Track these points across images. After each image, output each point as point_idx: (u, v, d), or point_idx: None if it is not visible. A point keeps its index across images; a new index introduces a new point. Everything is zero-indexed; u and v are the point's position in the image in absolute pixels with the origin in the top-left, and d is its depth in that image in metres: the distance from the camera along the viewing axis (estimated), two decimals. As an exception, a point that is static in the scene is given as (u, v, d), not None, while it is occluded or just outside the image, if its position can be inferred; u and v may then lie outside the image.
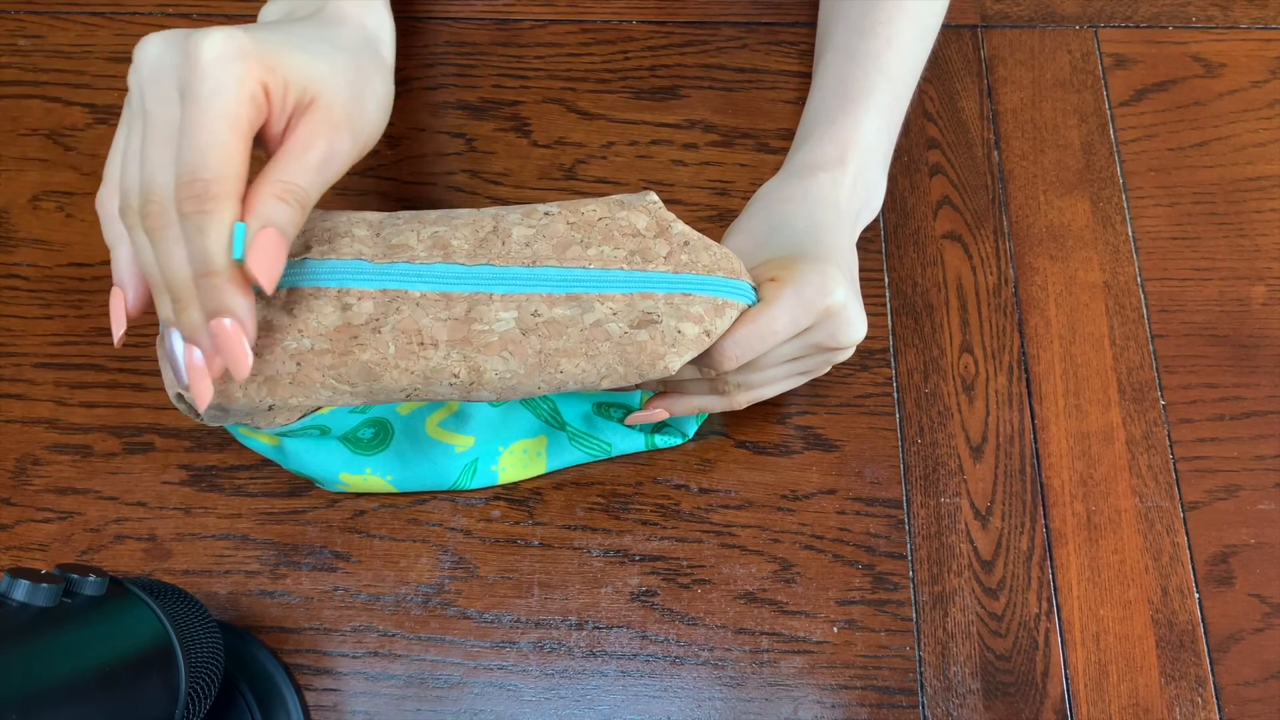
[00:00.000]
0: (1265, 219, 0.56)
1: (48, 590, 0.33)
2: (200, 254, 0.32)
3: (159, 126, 0.32)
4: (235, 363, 0.33)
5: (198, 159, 0.31)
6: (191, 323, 0.33)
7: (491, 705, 0.46)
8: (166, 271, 0.33)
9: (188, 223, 0.32)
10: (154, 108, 0.33)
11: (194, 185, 0.31)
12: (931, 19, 0.52)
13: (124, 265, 0.35)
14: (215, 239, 0.32)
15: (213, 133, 0.32)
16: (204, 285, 0.32)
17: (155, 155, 0.32)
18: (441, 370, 0.36)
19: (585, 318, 0.37)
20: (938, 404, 0.52)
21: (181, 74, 0.32)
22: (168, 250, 0.32)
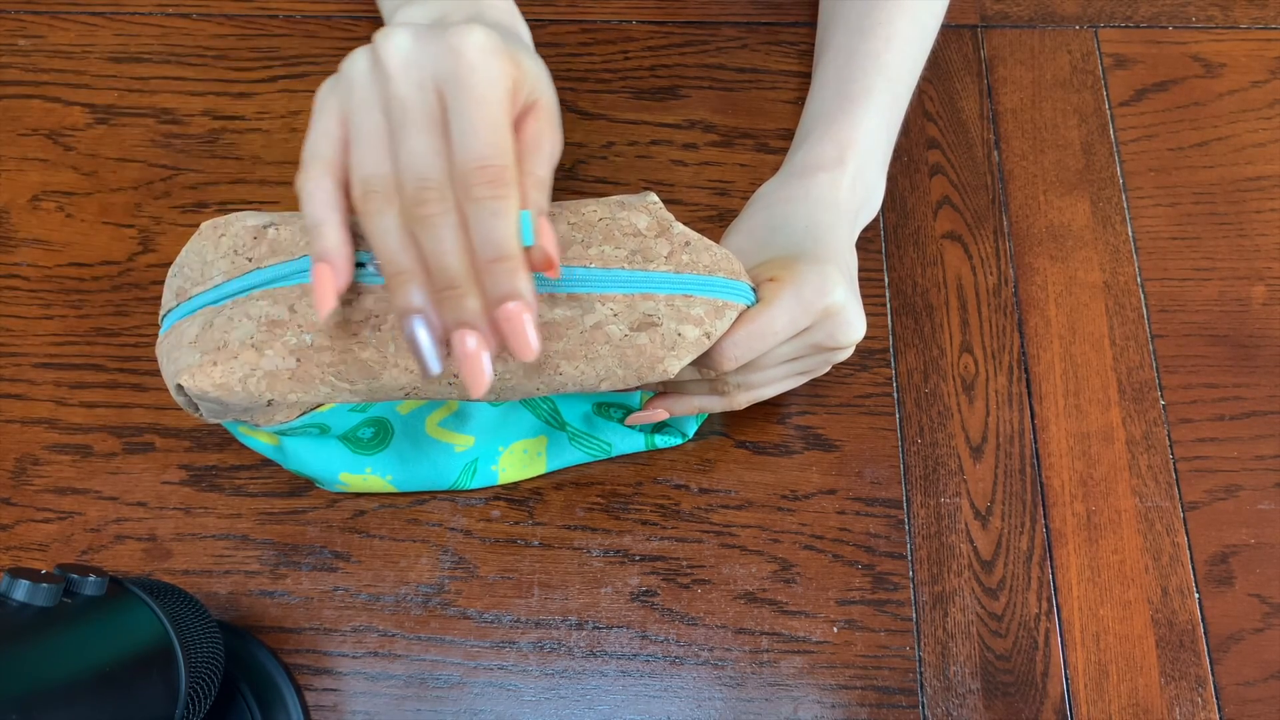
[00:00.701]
0: (1265, 219, 0.56)
1: (48, 590, 0.33)
2: (494, 239, 0.32)
3: (422, 115, 0.32)
4: (522, 345, 0.33)
5: (486, 146, 0.32)
6: (470, 309, 0.32)
7: (491, 705, 0.46)
8: (439, 259, 0.32)
9: (481, 208, 0.32)
10: (409, 96, 0.33)
11: (488, 171, 0.32)
12: (931, 19, 0.52)
13: (333, 245, 0.33)
14: (510, 224, 0.32)
15: (496, 121, 0.32)
16: (495, 270, 0.32)
17: (422, 144, 0.32)
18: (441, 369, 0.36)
19: (585, 319, 0.37)
20: (938, 404, 0.52)
21: (443, 66, 0.32)
22: (442, 237, 0.32)
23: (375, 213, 0.33)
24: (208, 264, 0.38)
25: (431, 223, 0.32)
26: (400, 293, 0.33)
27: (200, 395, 0.36)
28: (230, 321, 0.36)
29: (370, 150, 0.33)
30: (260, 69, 0.60)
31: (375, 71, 0.33)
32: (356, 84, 0.34)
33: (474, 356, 0.33)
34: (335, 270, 0.33)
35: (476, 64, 0.32)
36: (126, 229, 0.55)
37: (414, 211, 0.32)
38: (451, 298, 0.32)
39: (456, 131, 0.32)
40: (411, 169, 0.32)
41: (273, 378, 0.35)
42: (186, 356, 0.36)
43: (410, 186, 0.32)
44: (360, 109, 0.33)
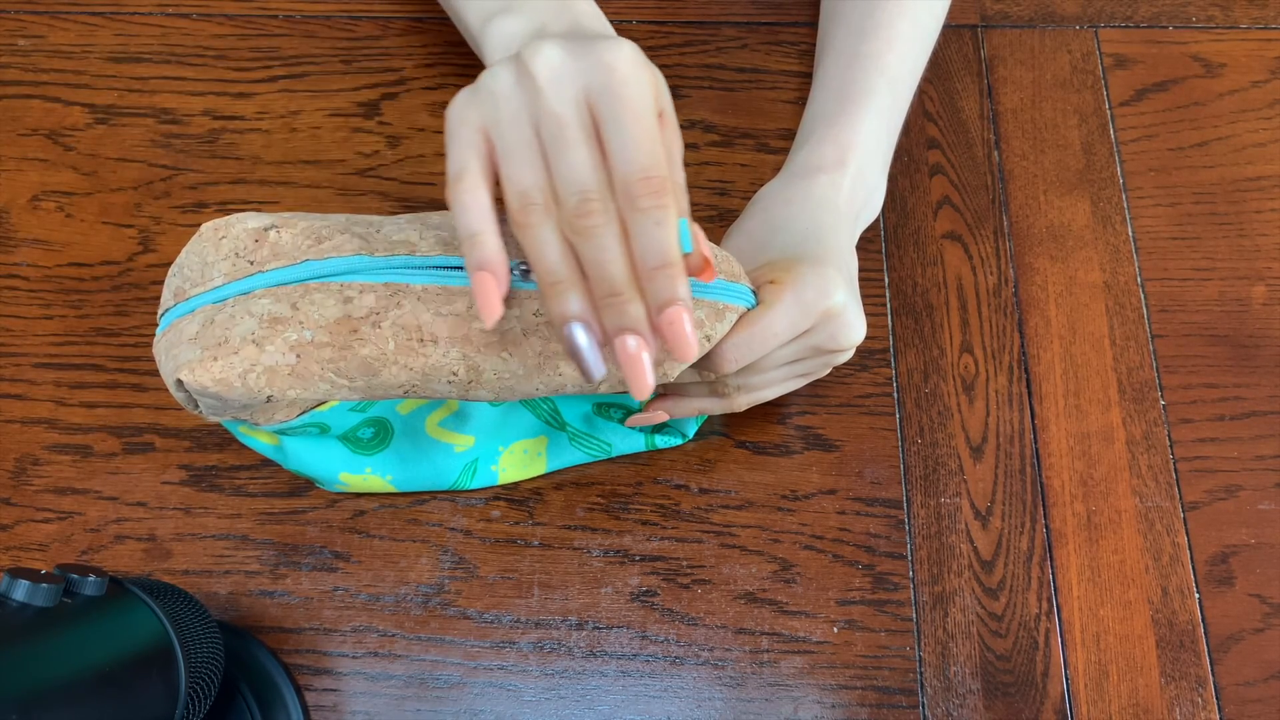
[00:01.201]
0: (1265, 219, 0.56)
1: (48, 590, 0.33)
2: (658, 247, 0.33)
3: (575, 129, 0.33)
4: (684, 346, 0.34)
5: (647, 158, 0.33)
6: (635, 315, 0.34)
7: (491, 705, 0.46)
8: (602, 267, 0.33)
9: (645, 217, 0.33)
10: (566, 110, 0.33)
11: (651, 182, 0.33)
12: (932, 20, 0.52)
13: (493, 253, 0.34)
14: (673, 232, 0.33)
15: (653, 133, 0.33)
16: (659, 276, 0.33)
17: (581, 157, 0.33)
18: (440, 368, 0.36)
19: None
20: (938, 404, 0.52)
21: (595, 80, 0.33)
22: (606, 246, 0.33)
23: (536, 225, 0.34)
24: (208, 265, 0.38)
25: (596, 233, 0.33)
26: (560, 301, 0.34)
27: (200, 391, 0.36)
28: (231, 319, 0.36)
29: (525, 164, 0.34)
30: (260, 69, 0.60)
31: (522, 85, 0.34)
32: (502, 98, 0.34)
33: (637, 359, 0.34)
34: (498, 278, 0.34)
35: (629, 77, 0.33)
36: (126, 229, 0.55)
37: (576, 223, 0.33)
38: (616, 304, 0.33)
39: (616, 144, 0.33)
40: (572, 182, 0.33)
41: (272, 373, 0.35)
42: (186, 352, 0.36)
43: (572, 199, 0.33)
44: (509, 123, 0.34)
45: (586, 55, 0.34)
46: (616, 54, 0.33)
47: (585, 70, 0.34)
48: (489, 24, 0.44)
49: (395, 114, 0.58)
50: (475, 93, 0.35)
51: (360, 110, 0.58)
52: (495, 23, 0.44)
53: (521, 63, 0.34)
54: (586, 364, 0.34)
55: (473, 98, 0.35)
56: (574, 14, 0.43)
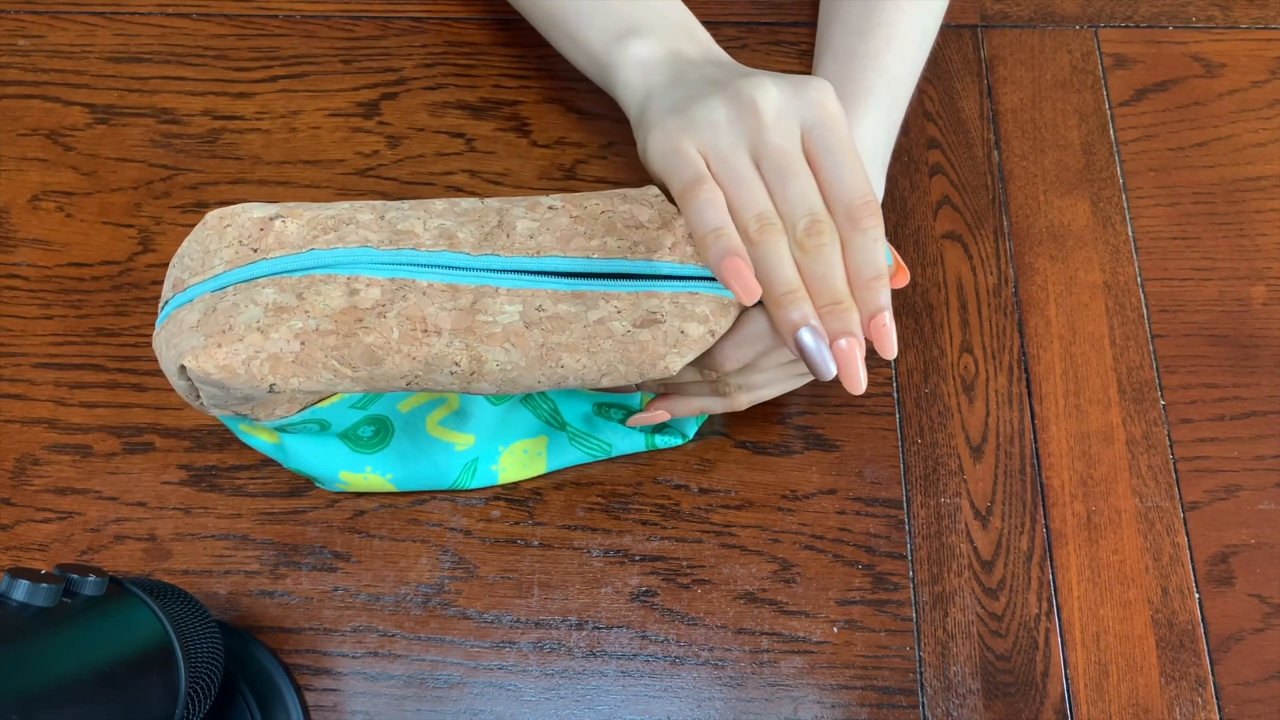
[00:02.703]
0: (1265, 219, 0.56)
1: (48, 590, 0.33)
2: (874, 262, 0.38)
3: (799, 160, 0.39)
4: (889, 346, 0.38)
5: (865, 184, 0.38)
6: (853, 320, 0.38)
7: (491, 705, 0.46)
8: (826, 281, 0.38)
9: (865, 236, 0.38)
10: (788, 143, 0.39)
11: (869, 205, 0.38)
12: (931, 20, 0.52)
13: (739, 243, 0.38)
14: (883, 248, 0.38)
15: (861, 161, 0.39)
16: (875, 286, 0.38)
17: (809, 185, 0.38)
18: (443, 358, 0.36)
19: (589, 314, 0.37)
20: (938, 404, 0.52)
21: (810, 115, 0.39)
22: (832, 262, 0.38)
23: (772, 242, 0.38)
24: (209, 253, 0.38)
25: (823, 250, 0.38)
26: (792, 308, 0.38)
27: (203, 378, 0.36)
28: (235, 306, 0.36)
29: (756, 190, 0.38)
30: (260, 69, 0.60)
31: (744, 119, 0.39)
32: (723, 130, 0.39)
33: (853, 356, 0.38)
34: (747, 261, 0.38)
35: (838, 114, 0.39)
36: (126, 229, 0.55)
37: (807, 241, 0.38)
38: (837, 311, 0.38)
39: (834, 174, 0.38)
40: (801, 206, 0.38)
41: (276, 360, 0.36)
42: (190, 339, 0.36)
43: (803, 220, 0.38)
44: (733, 152, 0.39)
45: (801, 93, 0.39)
46: (825, 92, 0.39)
47: (801, 107, 0.39)
48: (617, 45, 0.46)
49: (395, 114, 0.58)
50: (692, 122, 0.39)
51: (360, 110, 0.58)
52: (626, 46, 0.45)
53: (745, 98, 0.39)
54: (816, 362, 0.38)
55: (689, 125, 0.39)
56: (702, 41, 0.46)
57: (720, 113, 0.39)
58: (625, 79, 0.45)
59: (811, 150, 0.39)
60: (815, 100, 0.39)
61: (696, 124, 0.39)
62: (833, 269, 0.38)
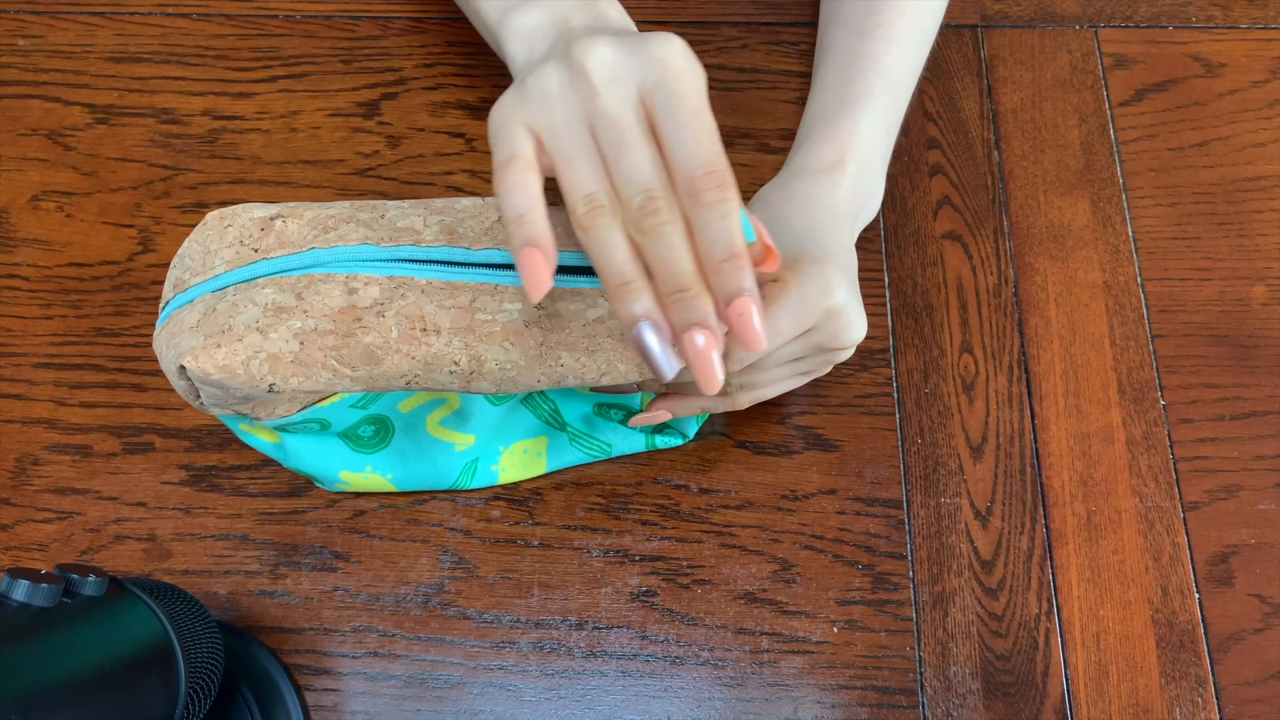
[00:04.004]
0: (1265, 219, 0.56)
1: (47, 590, 0.33)
2: (725, 240, 0.33)
3: (635, 129, 0.34)
4: (752, 336, 0.34)
5: (710, 152, 0.33)
6: (703, 309, 0.33)
7: (491, 705, 0.46)
8: (670, 265, 0.33)
9: (710, 211, 0.33)
10: (623, 110, 0.34)
11: (713, 176, 0.33)
12: (930, 21, 0.52)
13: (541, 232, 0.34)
14: (737, 224, 0.33)
15: (711, 127, 0.33)
16: (727, 269, 0.33)
17: (643, 157, 0.33)
18: (442, 357, 0.36)
19: (589, 313, 0.37)
20: (938, 404, 0.52)
21: (650, 76, 0.33)
22: (673, 243, 0.33)
23: (602, 226, 0.33)
24: (210, 254, 0.38)
25: (662, 230, 0.33)
26: (628, 301, 0.34)
27: (203, 378, 0.36)
28: (235, 307, 0.36)
29: (586, 167, 0.34)
30: (260, 69, 0.60)
31: (576, 86, 0.34)
32: (555, 99, 0.34)
33: (706, 354, 0.34)
34: (545, 255, 0.34)
35: (684, 73, 0.33)
36: (126, 229, 0.55)
37: (643, 222, 0.33)
38: (684, 299, 0.33)
39: (675, 141, 0.33)
40: (635, 181, 0.33)
41: (275, 360, 0.36)
42: (189, 339, 0.36)
43: (637, 198, 0.33)
44: (565, 126, 0.34)
45: (639, 51, 0.34)
46: (669, 49, 0.34)
47: (639, 66, 0.34)
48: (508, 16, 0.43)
49: (395, 114, 0.58)
50: (524, 94, 0.35)
51: (360, 110, 0.58)
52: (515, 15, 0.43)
53: (574, 61, 0.34)
54: (657, 363, 0.34)
55: (521, 99, 0.35)
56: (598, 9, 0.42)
57: (552, 81, 0.34)
58: (511, 50, 0.42)
59: (652, 116, 0.34)
60: (657, 58, 0.33)
61: (528, 96, 0.35)
62: (674, 251, 0.33)
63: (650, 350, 0.34)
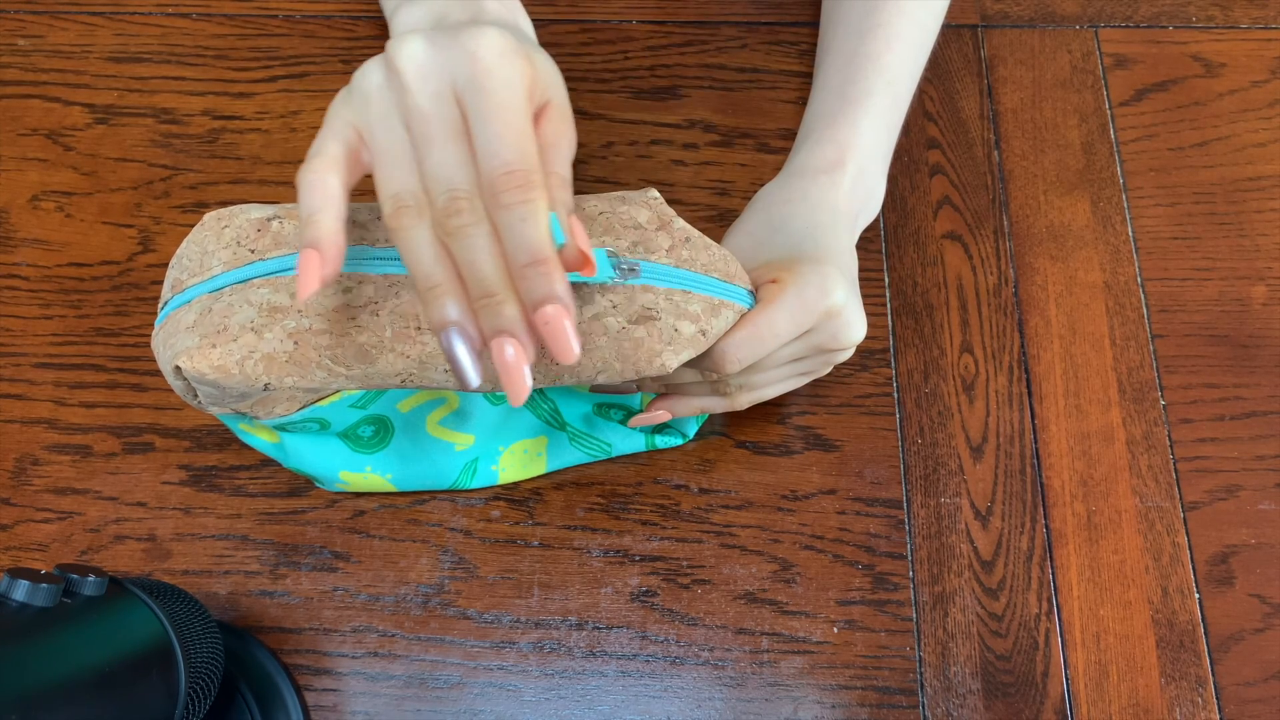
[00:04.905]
0: (1265, 219, 0.56)
1: (47, 590, 0.33)
2: (527, 244, 0.31)
3: (443, 125, 0.32)
4: (563, 348, 0.32)
5: (510, 151, 0.31)
6: (509, 316, 0.32)
7: (491, 705, 0.46)
8: (475, 269, 0.32)
9: (510, 214, 0.31)
10: (432, 107, 0.32)
11: (514, 176, 0.31)
12: (931, 20, 0.52)
13: (325, 233, 0.33)
14: (542, 227, 0.31)
15: (518, 125, 0.32)
16: (531, 274, 0.31)
17: (448, 156, 0.32)
18: (436, 356, 0.36)
19: (584, 310, 0.37)
20: (938, 404, 0.52)
21: (460, 71, 0.32)
22: (479, 247, 0.32)
23: (408, 228, 0.32)
24: (207, 254, 0.38)
25: (465, 233, 0.32)
26: (435, 306, 0.32)
27: (198, 378, 0.36)
28: (230, 307, 0.36)
29: (396, 166, 0.33)
30: (260, 69, 0.60)
31: (391, 83, 0.33)
32: (373, 98, 0.33)
33: (513, 366, 0.32)
34: (324, 258, 0.32)
35: (493, 67, 0.32)
36: (126, 229, 0.55)
37: (446, 223, 0.32)
38: (489, 305, 0.32)
39: (480, 138, 0.32)
40: (440, 180, 0.32)
41: (270, 360, 0.36)
42: (185, 340, 0.36)
43: (440, 199, 0.32)
44: (380, 123, 0.33)
45: (451, 46, 0.32)
46: (480, 41, 0.32)
47: (451, 62, 0.32)
48: (396, 12, 0.42)
49: (395, 114, 0.58)
50: (349, 92, 0.34)
51: (360, 110, 0.58)
52: (401, 11, 0.42)
53: (388, 59, 0.33)
54: (459, 371, 0.33)
55: (346, 96, 0.34)
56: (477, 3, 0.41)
57: (372, 78, 0.33)
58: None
59: (464, 112, 0.32)
60: (468, 52, 0.32)
61: (352, 93, 0.34)
62: (478, 255, 0.32)
63: (453, 358, 0.33)
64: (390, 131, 0.33)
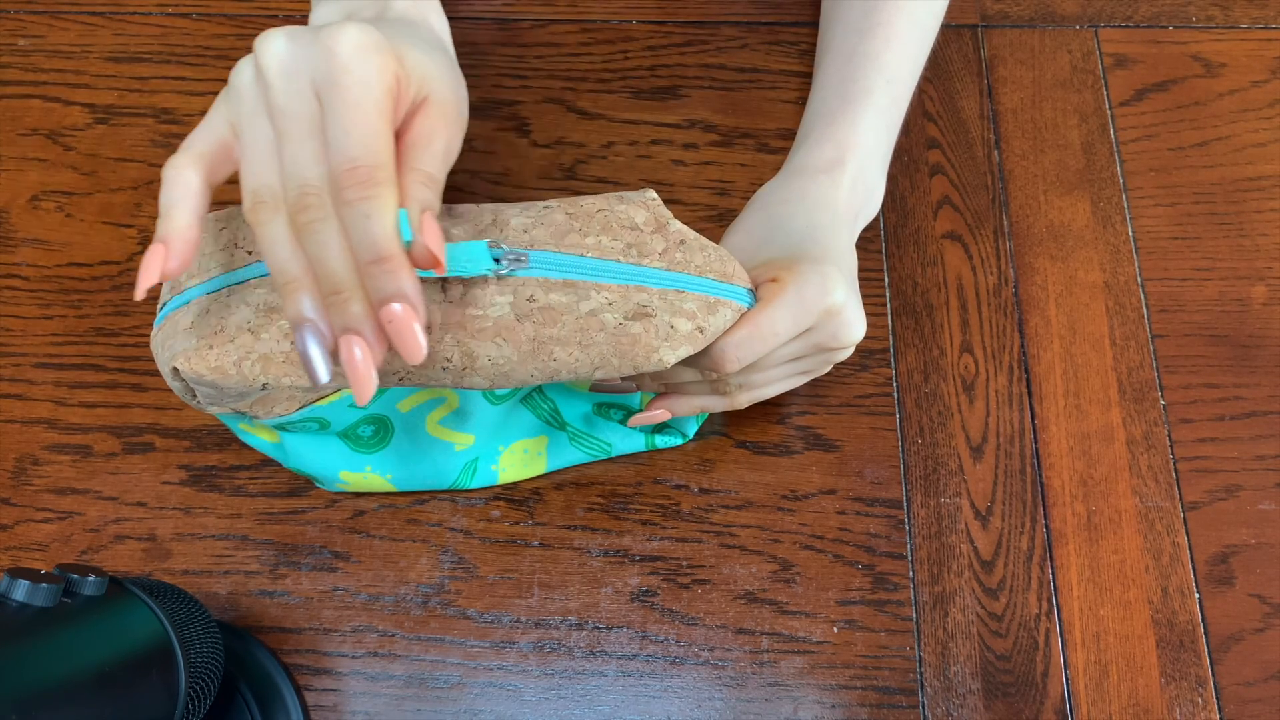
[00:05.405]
0: (1265, 219, 0.56)
1: (47, 590, 0.33)
2: (370, 241, 0.31)
3: (298, 122, 0.32)
4: (409, 347, 0.32)
5: (355, 147, 0.31)
6: (356, 314, 0.32)
7: (491, 705, 0.46)
8: (323, 265, 0.32)
9: (353, 210, 0.31)
10: (288, 103, 0.32)
11: (355, 172, 0.31)
12: (931, 19, 0.52)
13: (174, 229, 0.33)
14: (383, 224, 0.31)
15: (367, 121, 0.32)
16: (375, 272, 0.32)
17: (301, 152, 0.32)
18: (434, 355, 0.36)
19: (581, 306, 0.37)
20: (938, 404, 0.52)
21: (318, 67, 0.32)
22: (326, 243, 0.32)
23: (264, 223, 0.33)
24: (205, 256, 0.38)
25: (313, 229, 0.32)
26: (289, 302, 0.32)
27: (196, 379, 0.36)
28: (227, 308, 0.36)
29: (258, 162, 0.33)
30: (260, 69, 0.60)
31: (259, 80, 0.33)
32: (244, 95, 0.34)
33: (358, 365, 0.32)
34: (169, 253, 0.33)
35: (349, 64, 0.32)
36: (126, 229, 0.55)
37: (296, 219, 0.32)
38: (336, 302, 0.32)
39: (330, 134, 0.32)
40: (293, 176, 0.32)
41: (267, 360, 0.36)
42: (182, 341, 0.36)
43: (292, 194, 0.32)
44: (249, 120, 0.33)
45: (312, 43, 0.32)
46: (337, 39, 0.32)
47: (310, 59, 0.32)
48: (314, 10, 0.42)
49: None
50: (227, 87, 0.34)
51: (360, 110, 0.58)
52: (314, 12, 0.42)
53: (255, 56, 0.33)
54: (308, 367, 0.33)
55: (224, 92, 0.34)
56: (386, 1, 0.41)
57: (244, 75, 0.34)
58: None
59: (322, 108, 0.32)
60: (325, 49, 0.32)
61: (228, 89, 0.34)
62: (326, 251, 0.32)
63: (302, 353, 0.33)
64: (256, 128, 0.33)
